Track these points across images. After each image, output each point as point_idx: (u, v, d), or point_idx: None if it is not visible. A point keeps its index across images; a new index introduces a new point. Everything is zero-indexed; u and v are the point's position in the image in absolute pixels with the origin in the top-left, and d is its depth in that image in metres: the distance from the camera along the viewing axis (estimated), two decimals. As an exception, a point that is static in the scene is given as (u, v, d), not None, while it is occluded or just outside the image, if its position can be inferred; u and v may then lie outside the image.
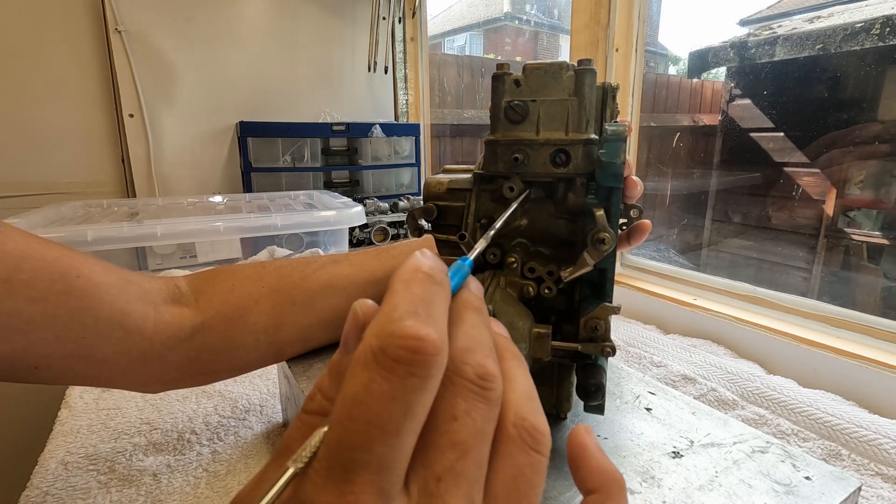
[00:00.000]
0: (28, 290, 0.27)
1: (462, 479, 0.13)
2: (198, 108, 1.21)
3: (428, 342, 0.12)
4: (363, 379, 0.12)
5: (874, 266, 1.54)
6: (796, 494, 0.26)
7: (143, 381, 0.35)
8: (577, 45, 0.84)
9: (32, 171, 1.07)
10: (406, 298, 0.13)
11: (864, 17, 1.50)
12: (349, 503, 0.12)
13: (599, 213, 0.27)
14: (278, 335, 0.38)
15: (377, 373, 0.12)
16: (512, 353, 0.17)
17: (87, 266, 0.30)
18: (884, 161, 1.55)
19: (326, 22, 1.34)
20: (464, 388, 0.14)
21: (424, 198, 0.35)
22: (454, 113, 2.12)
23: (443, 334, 0.13)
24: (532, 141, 0.30)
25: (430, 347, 0.12)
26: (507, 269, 0.31)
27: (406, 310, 0.13)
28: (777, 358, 0.59)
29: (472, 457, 0.13)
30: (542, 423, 0.15)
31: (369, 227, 1.04)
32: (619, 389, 0.37)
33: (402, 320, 0.12)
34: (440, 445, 0.13)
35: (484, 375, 0.14)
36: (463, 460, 0.13)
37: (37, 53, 1.04)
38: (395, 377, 0.12)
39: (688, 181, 2.16)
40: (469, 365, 0.14)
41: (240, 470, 0.40)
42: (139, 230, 0.70)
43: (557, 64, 0.30)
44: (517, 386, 0.15)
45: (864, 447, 0.43)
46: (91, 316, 0.30)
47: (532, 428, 0.14)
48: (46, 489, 0.38)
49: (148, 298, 0.34)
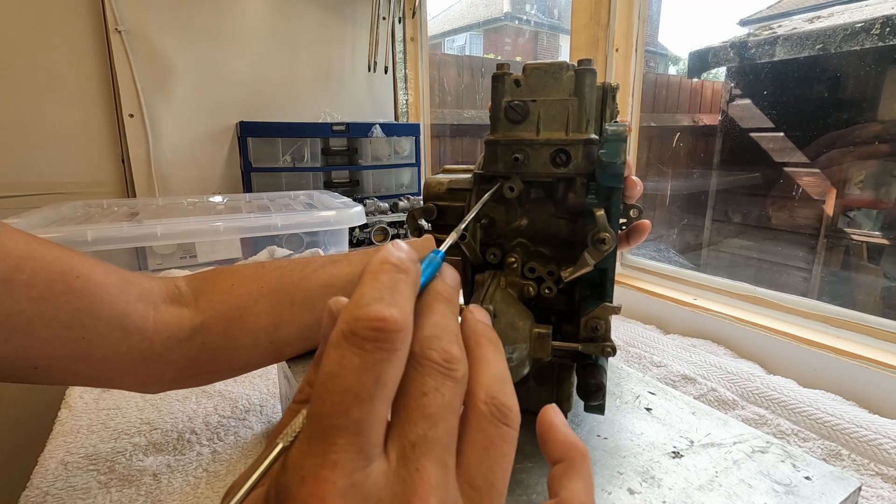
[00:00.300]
0: (28, 290, 0.27)
1: (435, 445, 0.14)
2: (198, 107, 1.21)
3: (391, 321, 0.14)
4: (336, 357, 0.14)
5: (874, 266, 1.54)
6: (796, 494, 0.26)
7: (142, 380, 0.35)
8: (577, 45, 0.84)
9: (32, 171, 1.07)
10: (373, 287, 0.15)
11: (864, 17, 1.50)
12: (332, 461, 0.13)
13: (600, 213, 0.27)
14: (277, 335, 0.38)
15: (348, 350, 0.14)
16: (488, 339, 0.18)
17: (86, 266, 0.30)
18: (884, 161, 1.55)
19: (326, 22, 1.34)
20: (431, 369, 0.15)
21: (424, 198, 0.35)
22: (454, 113, 2.12)
23: (406, 314, 0.14)
24: (532, 141, 0.29)
25: (394, 325, 0.14)
26: (507, 269, 0.31)
27: (372, 296, 0.14)
28: (777, 358, 0.59)
29: (443, 426, 0.15)
30: (512, 401, 0.16)
31: (369, 227, 1.04)
32: (619, 389, 0.37)
33: (368, 305, 0.14)
34: (413, 417, 0.15)
35: (449, 359, 0.15)
36: (434, 429, 0.14)
37: (37, 53, 1.04)
38: (364, 352, 0.13)
39: (688, 181, 2.16)
40: (435, 350, 0.15)
41: (240, 470, 0.40)
42: (139, 230, 0.70)
43: (558, 64, 0.30)
44: (490, 368, 0.17)
45: (864, 447, 0.43)
46: (91, 316, 0.30)
47: (501, 405, 0.16)
48: (46, 489, 0.38)
49: (148, 298, 0.34)
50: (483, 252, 0.32)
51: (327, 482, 0.13)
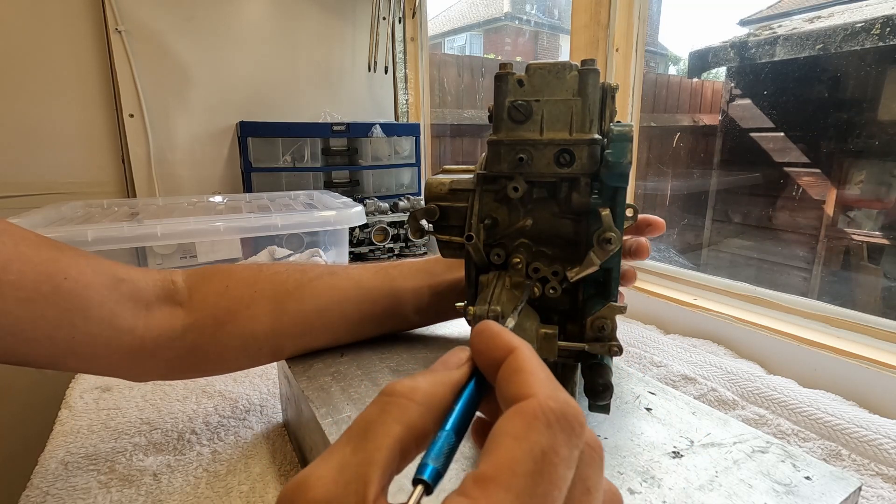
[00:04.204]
0: (16, 291, 0.27)
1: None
2: (198, 107, 1.21)
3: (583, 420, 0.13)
4: (548, 439, 0.12)
5: (874, 266, 1.54)
6: (796, 494, 0.26)
7: (133, 374, 0.36)
8: (577, 45, 0.84)
9: (32, 171, 1.07)
10: (550, 379, 0.14)
11: (864, 17, 1.50)
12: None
13: (605, 212, 0.27)
14: (268, 341, 0.38)
15: (561, 436, 0.12)
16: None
17: (75, 267, 0.30)
18: (884, 161, 1.55)
19: (326, 22, 1.34)
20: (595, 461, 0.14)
21: (426, 198, 0.35)
22: (454, 113, 2.12)
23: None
24: (536, 141, 0.29)
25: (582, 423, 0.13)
26: (511, 269, 0.31)
27: (556, 386, 0.14)
28: (777, 358, 0.59)
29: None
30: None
31: (369, 227, 1.04)
32: (619, 389, 0.37)
33: (567, 397, 0.13)
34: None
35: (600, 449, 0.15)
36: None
37: (37, 53, 1.04)
38: (571, 445, 0.13)
39: (688, 181, 2.16)
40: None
41: (240, 470, 0.40)
42: (139, 230, 0.70)
43: (561, 64, 0.30)
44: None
45: (865, 447, 0.43)
46: (80, 317, 0.30)
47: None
48: (47, 489, 0.38)
49: (140, 297, 0.34)
50: (487, 253, 0.32)
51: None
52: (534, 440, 0.12)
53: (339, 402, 0.34)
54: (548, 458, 0.12)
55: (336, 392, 0.35)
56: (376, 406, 0.15)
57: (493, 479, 0.12)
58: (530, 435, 0.12)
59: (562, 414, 0.13)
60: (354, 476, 0.13)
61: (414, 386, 0.15)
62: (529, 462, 0.12)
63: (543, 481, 0.12)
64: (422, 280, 0.42)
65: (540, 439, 0.12)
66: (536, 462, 0.12)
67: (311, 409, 0.33)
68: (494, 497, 0.11)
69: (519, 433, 0.12)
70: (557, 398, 0.13)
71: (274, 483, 0.39)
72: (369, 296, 0.40)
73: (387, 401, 0.15)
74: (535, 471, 0.12)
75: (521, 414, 0.13)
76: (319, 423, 0.32)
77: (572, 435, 0.13)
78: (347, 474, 0.13)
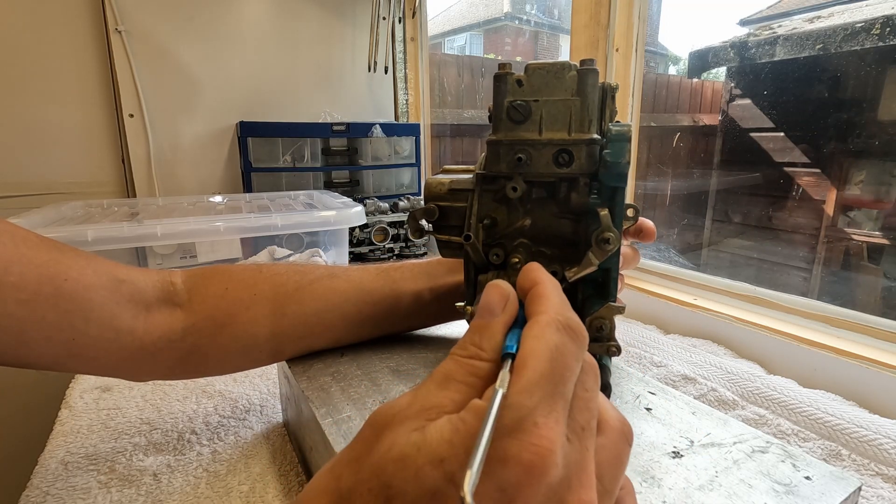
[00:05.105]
0: (16, 293, 0.27)
1: (592, 434, 0.17)
2: (198, 107, 1.21)
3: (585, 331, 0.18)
4: (558, 338, 0.17)
5: (874, 266, 1.53)
6: (796, 494, 0.26)
7: (133, 375, 0.36)
8: (577, 45, 0.84)
9: (32, 171, 1.07)
10: (560, 298, 0.19)
11: (864, 17, 1.50)
12: (555, 419, 0.15)
13: (604, 212, 0.27)
14: (268, 344, 0.38)
15: (567, 336, 0.17)
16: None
17: (76, 269, 0.30)
18: (884, 161, 1.55)
19: (326, 22, 1.34)
20: (591, 371, 0.19)
21: (425, 198, 0.35)
22: (454, 113, 2.12)
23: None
24: (535, 141, 0.29)
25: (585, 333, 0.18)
26: (510, 269, 0.31)
27: (565, 306, 0.19)
28: (777, 358, 0.59)
29: (594, 422, 0.18)
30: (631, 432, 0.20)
31: (369, 227, 1.04)
32: (619, 389, 0.37)
33: (570, 313, 0.18)
34: (580, 406, 0.17)
35: (595, 366, 0.19)
36: (593, 420, 0.17)
37: (37, 53, 1.04)
38: (575, 344, 0.17)
39: (688, 181, 2.15)
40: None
41: (240, 470, 0.40)
42: (139, 230, 0.70)
43: (560, 64, 0.30)
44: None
45: (865, 447, 0.43)
46: (81, 318, 0.30)
47: (630, 431, 0.19)
48: (46, 489, 0.38)
49: (140, 299, 0.34)
50: (486, 253, 0.32)
51: (555, 431, 0.15)
52: (548, 337, 0.17)
53: (339, 402, 0.34)
54: (560, 350, 0.17)
55: (336, 392, 0.35)
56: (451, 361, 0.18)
57: (521, 364, 0.16)
58: (545, 334, 0.17)
59: (568, 323, 0.17)
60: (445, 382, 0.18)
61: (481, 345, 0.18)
62: (546, 352, 0.16)
63: (558, 366, 0.16)
64: (423, 283, 0.42)
65: (553, 337, 0.17)
66: (552, 352, 0.16)
67: (311, 409, 0.33)
68: (524, 377, 0.16)
69: (537, 334, 0.17)
70: (565, 314, 0.18)
71: (274, 483, 0.39)
72: (370, 298, 0.40)
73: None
74: (550, 358, 0.16)
75: (538, 322, 0.17)
76: (319, 423, 0.32)
77: (577, 338, 0.17)
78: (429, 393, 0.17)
